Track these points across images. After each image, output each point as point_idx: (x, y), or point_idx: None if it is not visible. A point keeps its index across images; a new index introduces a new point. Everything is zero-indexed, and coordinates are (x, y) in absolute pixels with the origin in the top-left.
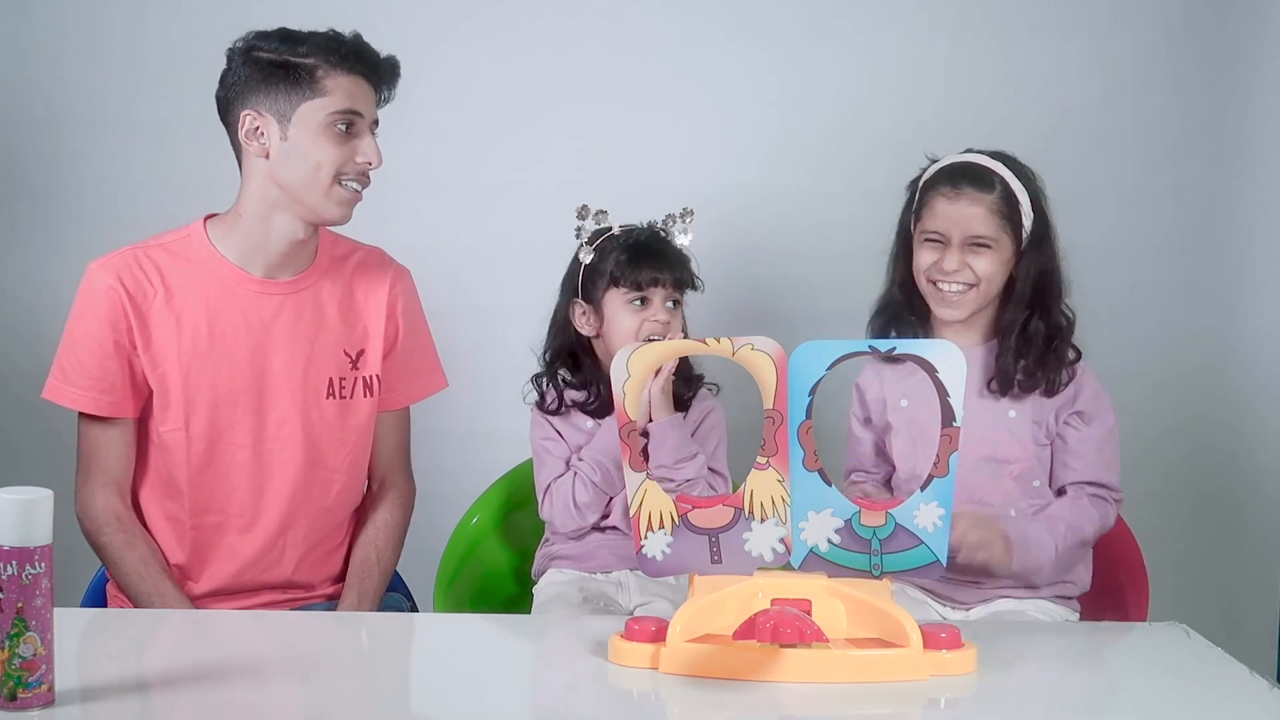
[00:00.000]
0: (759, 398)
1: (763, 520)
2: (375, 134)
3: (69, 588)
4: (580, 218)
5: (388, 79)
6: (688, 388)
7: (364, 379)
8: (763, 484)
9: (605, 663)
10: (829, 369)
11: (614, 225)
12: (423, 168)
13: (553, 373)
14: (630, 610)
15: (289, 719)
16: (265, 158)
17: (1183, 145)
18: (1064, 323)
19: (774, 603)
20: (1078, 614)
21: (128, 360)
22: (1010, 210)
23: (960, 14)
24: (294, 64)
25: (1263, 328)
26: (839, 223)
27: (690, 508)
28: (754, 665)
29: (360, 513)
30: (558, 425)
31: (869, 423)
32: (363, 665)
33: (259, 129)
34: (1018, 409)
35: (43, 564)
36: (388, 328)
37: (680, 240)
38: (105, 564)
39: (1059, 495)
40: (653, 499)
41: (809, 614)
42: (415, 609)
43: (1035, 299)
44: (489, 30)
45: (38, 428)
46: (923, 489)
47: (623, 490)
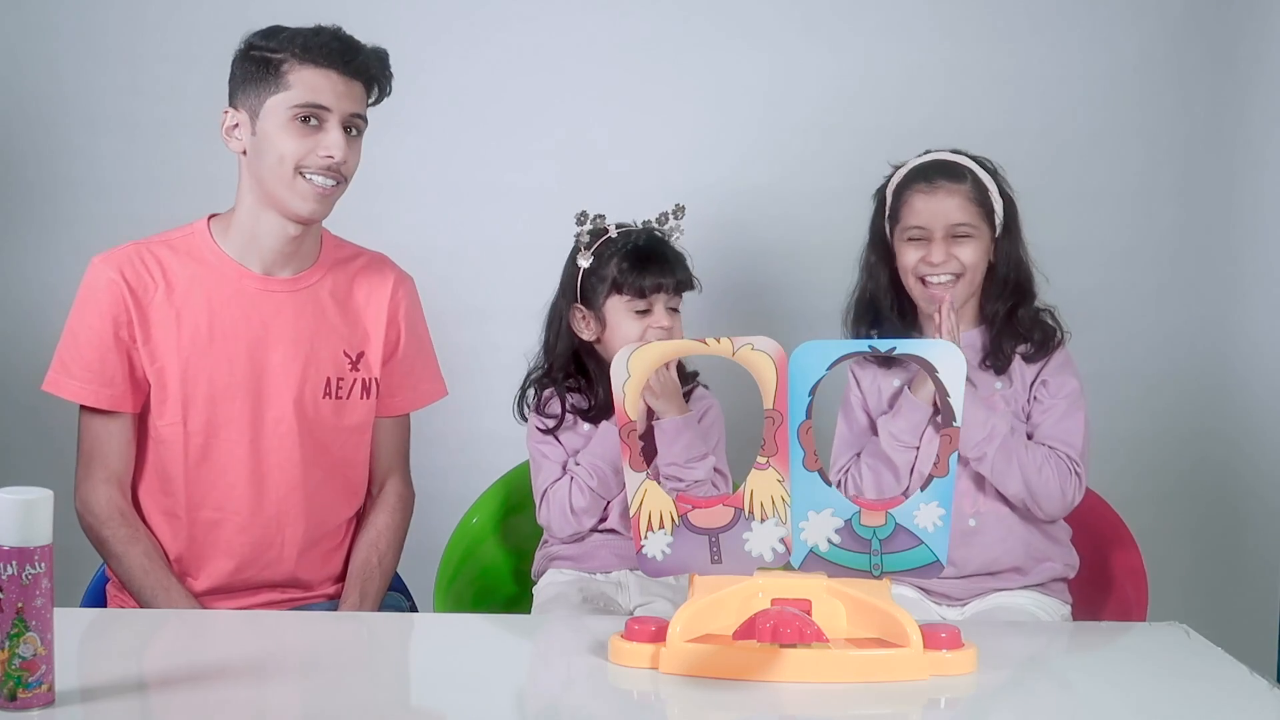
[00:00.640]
0: (759, 398)
1: (763, 520)
2: (358, 132)
3: (69, 588)
4: (579, 224)
5: (376, 73)
6: (683, 384)
7: (363, 380)
8: (763, 484)
9: (605, 663)
10: (829, 369)
11: (610, 227)
12: (417, 169)
13: (556, 379)
14: (630, 610)
15: (289, 719)
16: (244, 154)
17: (1184, 146)
18: (1044, 306)
19: (774, 603)
20: (1069, 605)
21: (127, 354)
22: (983, 198)
23: (960, 13)
24: (266, 59)
25: (1265, 329)
26: (839, 222)
27: (690, 508)
28: (754, 665)
29: (361, 517)
30: (555, 430)
31: (864, 406)
32: (363, 665)
33: (236, 125)
34: (1003, 381)
35: (43, 564)
36: (389, 332)
37: (676, 238)
38: (107, 559)
39: None
40: (653, 499)
41: (809, 614)
42: (415, 609)
43: (1017, 284)
44: (484, 32)
45: (37, 428)
46: (923, 489)
47: (621, 493)
